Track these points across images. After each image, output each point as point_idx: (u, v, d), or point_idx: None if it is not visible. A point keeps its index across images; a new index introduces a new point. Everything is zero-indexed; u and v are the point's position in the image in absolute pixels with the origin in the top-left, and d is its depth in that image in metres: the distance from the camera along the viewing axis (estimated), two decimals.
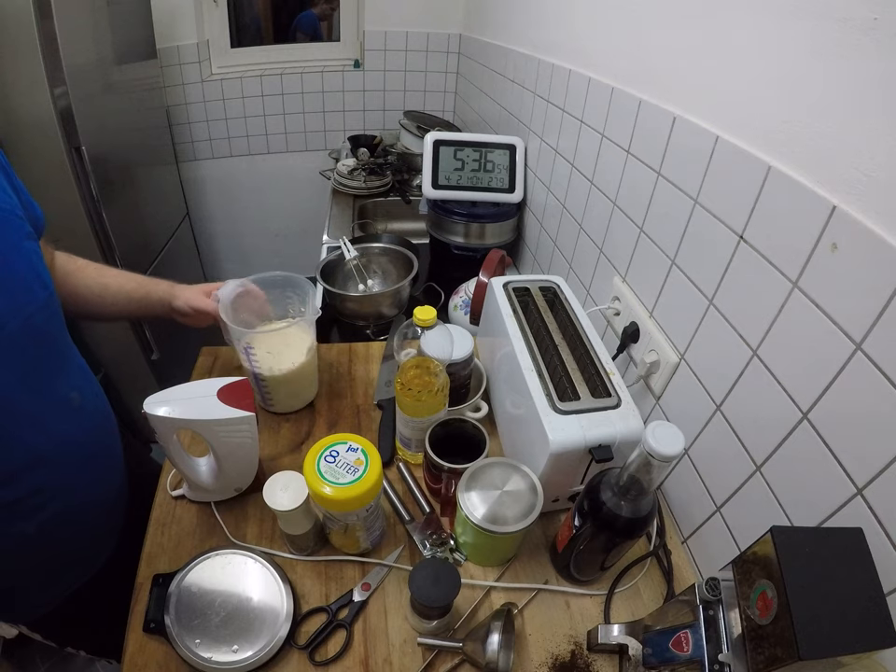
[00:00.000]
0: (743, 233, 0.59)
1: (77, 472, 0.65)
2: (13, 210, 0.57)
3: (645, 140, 0.78)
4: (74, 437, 0.64)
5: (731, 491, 0.63)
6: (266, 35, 2.26)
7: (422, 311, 0.69)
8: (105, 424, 0.73)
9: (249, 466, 0.71)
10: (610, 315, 0.91)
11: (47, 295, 0.59)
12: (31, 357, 0.57)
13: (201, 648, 0.56)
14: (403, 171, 1.96)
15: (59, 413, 0.62)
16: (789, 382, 0.53)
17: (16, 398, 0.55)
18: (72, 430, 0.64)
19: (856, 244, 0.45)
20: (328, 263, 1.22)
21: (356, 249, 1.23)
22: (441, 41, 2.13)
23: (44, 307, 0.59)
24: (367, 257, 1.27)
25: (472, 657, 0.57)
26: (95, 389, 0.72)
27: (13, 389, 0.55)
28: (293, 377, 0.82)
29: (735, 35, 0.60)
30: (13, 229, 0.56)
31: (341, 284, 1.24)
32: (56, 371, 0.62)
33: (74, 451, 0.64)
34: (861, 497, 0.45)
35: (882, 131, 0.43)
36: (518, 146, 1.32)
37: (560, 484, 0.69)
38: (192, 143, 2.20)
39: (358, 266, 1.24)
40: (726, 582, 0.46)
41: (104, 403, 0.74)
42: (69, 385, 0.64)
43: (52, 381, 0.61)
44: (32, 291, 0.57)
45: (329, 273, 1.21)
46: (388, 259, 1.29)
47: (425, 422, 0.73)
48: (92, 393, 0.71)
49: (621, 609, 0.66)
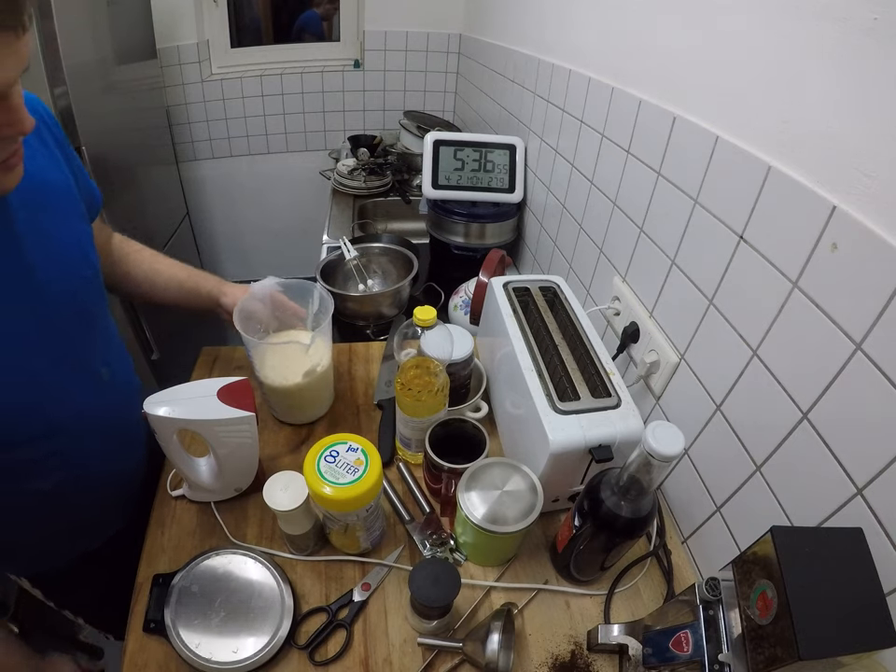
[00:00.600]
0: (743, 233, 0.59)
1: (98, 443, 0.66)
2: (67, 188, 0.59)
3: (645, 140, 0.78)
4: (98, 409, 0.65)
5: (731, 491, 0.63)
6: (266, 35, 2.26)
7: (422, 311, 0.69)
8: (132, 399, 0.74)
9: (249, 466, 0.71)
10: (610, 315, 0.91)
11: (91, 274, 0.62)
12: (65, 329, 0.59)
13: (201, 648, 0.56)
14: (403, 171, 1.96)
15: (86, 386, 0.63)
16: (789, 382, 0.53)
17: (44, 369, 0.56)
18: (97, 403, 0.65)
19: (856, 244, 0.45)
20: (328, 263, 1.22)
21: (356, 249, 1.23)
22: (441, 41, 2.13)
23: (87, 284, 0.62)
24: (367, 257, 1.27)
25: (472, 657, 0.57)
26: (126, 366, 0.75)
27: (43, 361, 0.56)
28: (294, 393, 0.80)
29: (734, 34, 0.60)
30: (64, 205, 0.59)
31: (341, 284, 1.24)
32: (90, 346, 0.64)
33: (96, 423, 0.65)
34: (861, 497, 0.45)
35: (882, 131, 0.43)
36: (518, 146, 1.32)
37: (560, 484, 0.69)
38: (192, 143, 2.20)
39: (358, 266, 1.24)
40: (726, 582, 0.46)
41: (134, 380, 0.77)
42: (101, 360, 0.66)
43: (84, 354, 0.63)
44: (77, 267, 0.60)
45: (329, 273, 1.21)
46: (388, 258, 1.29)
47: (425, 422, 0.73)
48: (123, 369, 0.73)
49: (621, 609, 0.66)
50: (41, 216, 0.55)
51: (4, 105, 0.41)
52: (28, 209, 0.53)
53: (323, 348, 0.81)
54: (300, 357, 0.78)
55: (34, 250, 0.53)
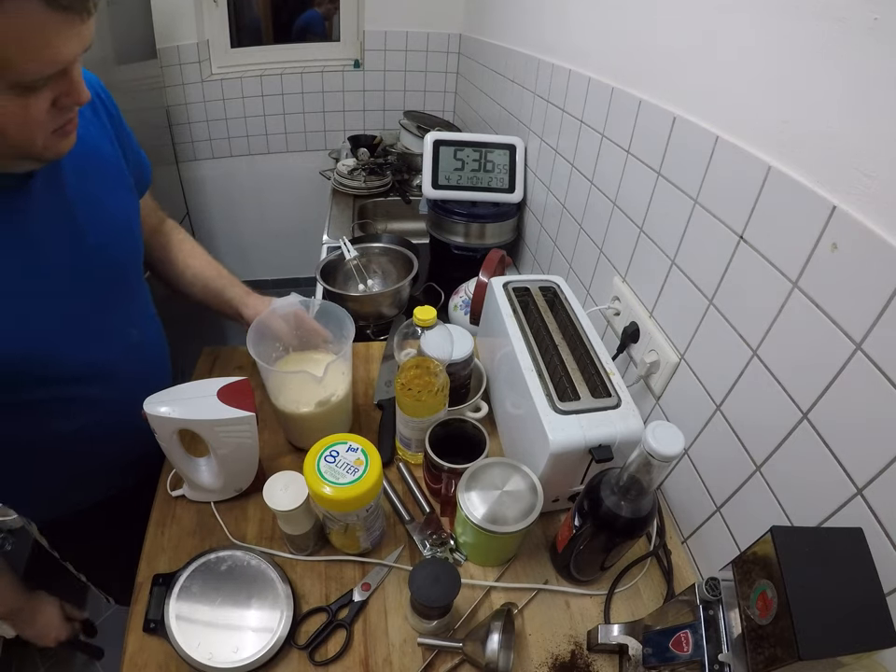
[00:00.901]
0: (743, 233, 0.59)
1: (124, 394, 0.69)
2: (116, 160, 0.67)
3: (645, 140, 0.78)
4: (127, 363, 0.71)
5: (731, 491, 0.63)
6: (266, 35, 2.26)
7: (422, 311, 0.69)
8: (159, 360, 0.81)
9: (249, 466, 0.71)
10: (610, 315, 0.91)
11: (132, 242, 0.69)
12: (105, 283, 0.65)
13: (201, 648, 0.56)
14: (403, 171, 1.96)
15: (119, 341, 0.70)
16: (789, 382, 0.53)
17: (86, 313, 0.63)
18: (126, 357, 0.71)
19: (856, 244, 0.45)
20: (328, 263, 1.22)
21: (356, 249, 1.23)
22: (441, 41, 2.12)
23: (128, 252, 0.69)
24: (367, 257, 1.27)
25: (472, 657, 0.57)
26: (156, 330, 0.82)
27: (85, 302, 0.63)
28: (306, 421, 0.76)
29: (734, 35, 0.60)
30: (113, 176, 0.66)
31: (341, 284, 1.24)
32: (125, 305, 0.71)
33: (124, 375, 0.70)
34: (861, 497, 0.45)
35: (882, 131, 0.43)
36: (518, 146, 1.32)
37: (560, 484, 0.69)
38: (192, 143, 2.20)
39: (358, 266, 1.23)
40: (726, 582, 0.46)
41: (162, 343, 0.84)
42: (131, 322, 0.73)
43: (119, 312, 0.69)
44: (120, 235, 0.66)
45: (329, 273, 1.21)
46: (388, 258, 1.29)
47: (425, 422, 0.73)
48: (153, 332, 0.80)
49: (621, 609, 0.66)
50: (91, 183, 0.61)
51: (65, 79, 0.46)
52: (79, 175, 0.60)
53: (339, 377, 0.76)
54: (313, 385, 0.71)
55: (82, 213, 0.60)
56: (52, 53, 0.43)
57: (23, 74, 0.42)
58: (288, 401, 0.75)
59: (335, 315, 0.77)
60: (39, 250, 0.57)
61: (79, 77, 0.48)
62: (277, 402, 0.75)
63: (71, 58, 0.45)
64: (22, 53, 0.41)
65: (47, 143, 0.50)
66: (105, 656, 0.94)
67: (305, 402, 0.74)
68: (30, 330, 0.57)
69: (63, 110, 0.49)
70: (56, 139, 0.51)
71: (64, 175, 0.58)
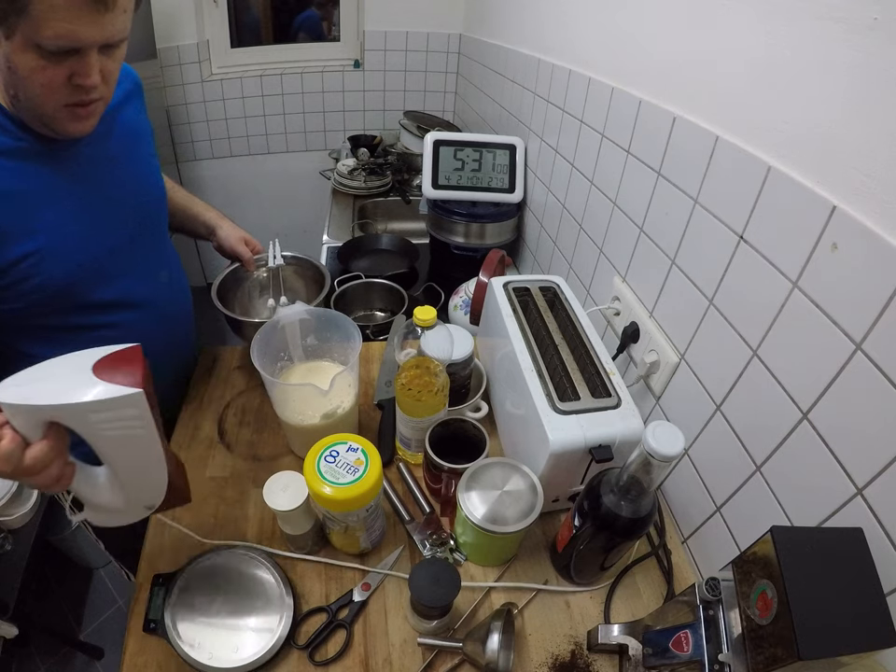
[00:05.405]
0: (743, 233, 0.59)
1: (155, 327, 0.80)
2: (147, 134, 0.80)
3: (645, 140, 0.78)
4: (158, 300, 0.81)
5: (731, 491, 0.63)
6: (266, 35, 2.25)
7: (422, 311, 0.69)
8: (185, 303, 0.92)
9: (150, 469, 0.50)
10: (610, 315, 0.91)
11: (159, 195, 0.82)
12: (140, 225, 0.76)
13: (201, 648, 0.56)
14: (403, 171, 1.96)
15: (152, 276, 0.80)
16: (789, 382, 0.53)
17: (126, 245, 0.74)
18: (157, 295, 0.81)
19: (856, 244, 0.45)
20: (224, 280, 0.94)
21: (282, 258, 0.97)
22: (441, 41, 2.12)
23: (157, 202, 0.82)
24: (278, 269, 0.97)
25: (472, 657, 0.57)
26: (181, 274, 0.91)
27: (125, 235, 0.73)
28: (310, 433, 0.73)
29: (734, 35, 0.60)
30: (145, 144, 0.79)
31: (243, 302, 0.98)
32: (157, 245, 0.82)
33: (156, 311, 0.80)
34: (861, 497, 0.45)
35: (882, 130, 0.43)
36: (518, 146, 1.32)
37: (560, 484, 0.69)
38: (192, 143, 2.20)
39: (277, 275, 0.99)
40: (726, 582, 0.46)
41: (187, 286, 0.93)
42: (162, 263, 0.84)
43: (152, 252, 0.81)
44: (149, 189, 0.80)
45: (230, 290, 0.95)
46: (293, 270, 1.00)
47: (425, 422, 0.73)
48: (179, 276, 0.89)
49: (621, 609, 0.66)
50: (130, 149, 0.75)
51: (81, 61, 0.53)
52: (122, 143, 0.73)
53: (346, 389, 0.74)
54: (319, 397, 0.69)
55: (124, 170, 0.73)
56: (70, 30, 0.49)
57: (43, 38, 0.49)
58: (294, 413, 0.73)
59: (342, 326, 0.75)
60: (90, 188, 0.68)
61: (95, 63, 0.54)
62: (282, 414, 0.74)
63: (88, 41, 0.52)
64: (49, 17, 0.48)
65: (58, 114, 0.58)
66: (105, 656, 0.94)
67: (311, 415, 0.73)
68: (87, 254, 0.68)
69: (77, 89, 0.56)
70: (68, 115, 0.58)
71: (112, 142, 0.70)
